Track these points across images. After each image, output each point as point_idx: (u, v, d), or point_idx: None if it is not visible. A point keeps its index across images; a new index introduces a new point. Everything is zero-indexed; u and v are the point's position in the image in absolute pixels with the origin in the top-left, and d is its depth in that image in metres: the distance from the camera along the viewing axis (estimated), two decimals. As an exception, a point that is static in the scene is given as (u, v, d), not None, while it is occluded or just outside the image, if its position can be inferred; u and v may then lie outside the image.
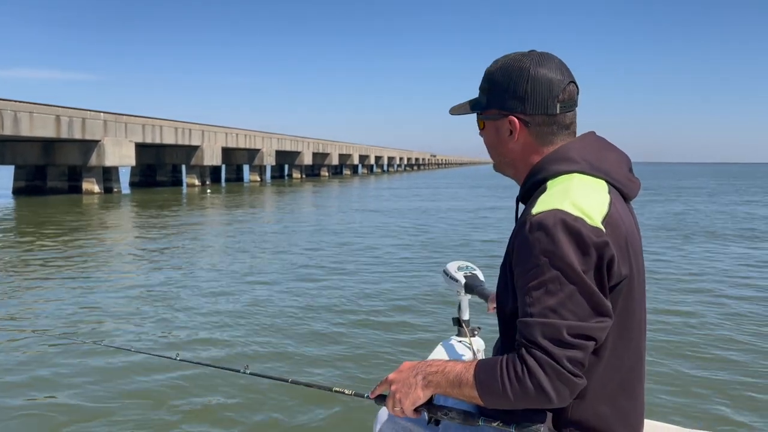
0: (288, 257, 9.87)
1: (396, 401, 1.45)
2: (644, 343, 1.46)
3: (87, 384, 4.21)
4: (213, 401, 3.93)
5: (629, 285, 1.36)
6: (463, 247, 11.13)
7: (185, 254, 10.25)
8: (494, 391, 1.31)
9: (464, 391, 1.36)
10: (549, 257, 1.27)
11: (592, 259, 1.27)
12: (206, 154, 35.95)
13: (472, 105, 1.55)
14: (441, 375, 1.40)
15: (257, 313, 6.20)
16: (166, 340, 5.32)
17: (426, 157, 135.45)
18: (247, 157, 44.94)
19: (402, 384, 1.44)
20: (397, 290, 7.35)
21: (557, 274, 1.26)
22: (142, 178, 37.58)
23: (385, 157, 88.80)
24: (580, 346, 1.26)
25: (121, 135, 28.69)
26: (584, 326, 1.26)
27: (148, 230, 14.08)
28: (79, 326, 5.70)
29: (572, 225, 1.27)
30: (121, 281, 8.01)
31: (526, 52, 1.47)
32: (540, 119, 1.44)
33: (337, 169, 67.12)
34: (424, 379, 1.42)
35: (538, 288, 1.28)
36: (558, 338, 1.25)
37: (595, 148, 1.45)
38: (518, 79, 1.42)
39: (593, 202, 1.32)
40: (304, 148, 52.40)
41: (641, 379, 1.46)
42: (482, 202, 23.71)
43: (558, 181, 1.39)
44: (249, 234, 13.23)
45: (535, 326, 1.27)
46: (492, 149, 1.55)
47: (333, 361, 4.74)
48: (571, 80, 1.45)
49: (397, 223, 15.27)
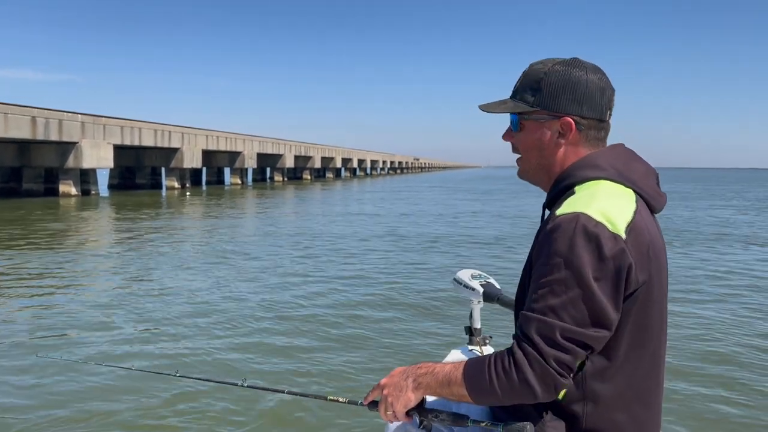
0: (269, 264, 9.81)
1: (388, 405, 1.48)
2: (663, 353, 1.45)
3: (81, 401, 4.10)
4: (211, 414, 3.92)
5: (647, 293, 1.35)
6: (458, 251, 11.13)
7: (161, 260, 10.13)
8: (482, 387, 1.34)
9: (453, 390, 1.39)
10: (563, 258, 1.29)
11: (607, 265, 1.28)
12: (186, 156, 35.69)
13: (514, 104, 1.52)
14: (431, 376, 1.43)
15: (245, 323, 6.09)
16: (158, 353, 5.18)
17: (409, 161, 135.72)
18: (228, 159, 44.67)
19: (393, 388, 1.47)
20: (404, 296, 7.34)
21: (566, 275, 1.28)
22: (120, 181, 37.23)
23: (368, 161, 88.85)
24: (570, 350, 1.27)
25: (99, 137, 28.38)
26: (579, 332, 1.27)
27: (123, 234, 13.92)
28: (54, 338, 5.57)
29: (592, 230, 1.28)
30: (94, 289, 7.90)
31: (574, 59, 1.49)
32: (593, 123, 1.47)
33: (319, 173, 67.00)
34: (414, 381, 1.44)
35: (545, 286, 1.30)
36: (550, 337, 1.27)
37: (623, 158, 1.47)
38: (576, 82, 1.44)
39: (618, 209, 1.33)
40: (286, 151, 52.22)
41: (658, 389, 1.45)
42: (468, 206, 23.77)
43: (585, 186, 1.41)
44: (229, 240, 13.10)
45: (532, 321, 1.30)
46: (530, 151, 1.53)
47: (337, 371, 4.71)
48: (614, 90, 1.50)
49: (390, 228, 15.24)
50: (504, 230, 15.04)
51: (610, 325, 1.30)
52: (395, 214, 19.50)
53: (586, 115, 1.45)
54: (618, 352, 1.35)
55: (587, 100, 1.44)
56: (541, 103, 1.47)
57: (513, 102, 1.52)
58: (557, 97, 1.45)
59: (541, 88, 1.46)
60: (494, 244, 12.28)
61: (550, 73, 1.46)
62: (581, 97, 1.44)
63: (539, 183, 1.56)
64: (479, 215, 19.62)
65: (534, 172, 1.55)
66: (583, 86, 1.44)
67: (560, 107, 1.45)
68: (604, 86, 1.46)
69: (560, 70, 1.46)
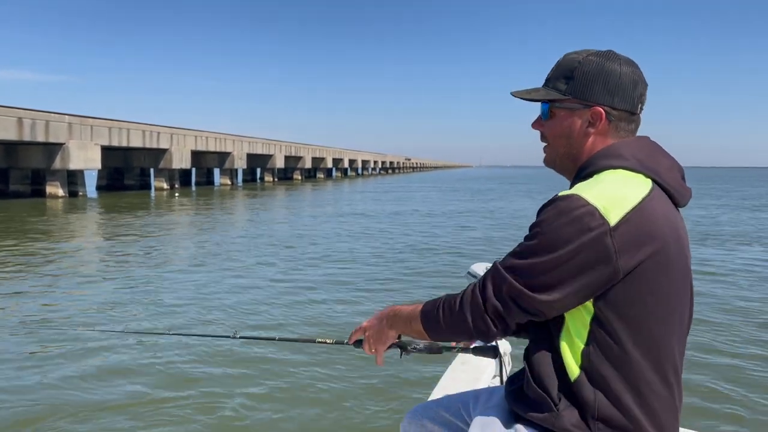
0: (261, 264, 9.80)
1: (371, 344, 1.70)
2: (678, 344, 1.43)
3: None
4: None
5: (649, 282, 1.34)
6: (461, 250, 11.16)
7: (144, 260, 10.11)
8: (433, 321, 1.49)
9: (414, 327, 1.55)
10: (542, 229, 1.35)
11: (582, 247, 1.30)
12: (175, 157, 35.56)
13: (545, 92, 1.52)
14: (397, 317, 1.61)
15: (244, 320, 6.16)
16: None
17: (401, 161, 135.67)
18: (218, 160, 44.54)
19: (374, 330, 1.68)
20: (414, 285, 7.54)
21: (537, 244, 1.34)
22: (109, 182, 37.05)
23: (359, 161, 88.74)
24: (508, 306, 1.37)
25: (86, 138, 28.23)
26: (524, 293, 1.34)
27: (109, 235, 13.87)
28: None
29: (578, 211, 1.31)
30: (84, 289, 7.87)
31: (609, 51, 1.50)
32: (623, 115, 1.47)
33: (310, 173, 66.88)
34: (388, 322, 1.64)
35: (518, 247, 1.39)
36: (498, 288, 1.38)
37: (648, 149, 1.47)
38: (610, 73, 1.45)
39: (620, 196, 1.33)
40: (277, 152, 52.12)
41: (672, 381, 1.42)
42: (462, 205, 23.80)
43: (602, 174, 1.42)
44: (218, 242, 13.10)
45: (492, 270, 1.41)
46: (559, 139, 1.53)
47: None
48: (647, 85, 1.51)
49: (397, 228, 15.25)
50: (509, 228, 15.08)
51: (558, 300, 1.33)
52: (393, 213, 19.51)
53: (617, 106, 1.46)
54: (618, 338, 1.35)
55: (619, 91, 1.45)
56: (573, 92, 1.48)
57: (545, 90, 1.53)
58: (589, 87, 1.45)
59: (574, 77, 1.47)
60: (489, 243, 12.31)
61: (585, 63, 1.47)
62: (613, 88, 1.44)
63: (564, 171, 1.57)
64: (481, 214, 19.67)
65: (560, 160, 1.55)
66: (615, 77, 1.44)
67: (592, 96, 1.46)
68: (637, 79, 1.47)
69: (594, 60, 1.46)
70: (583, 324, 1.37)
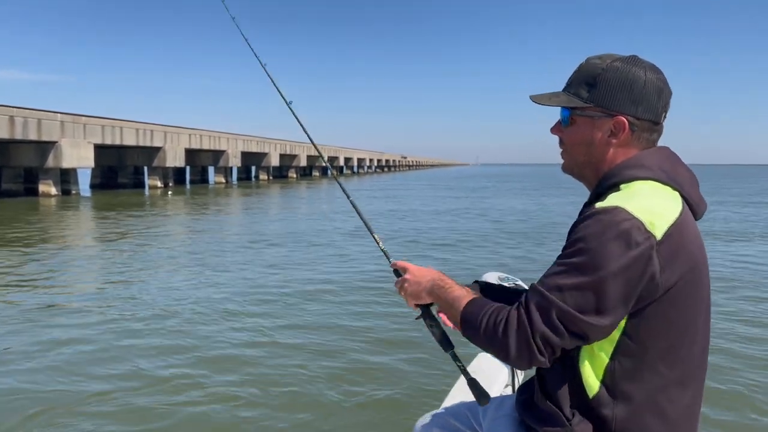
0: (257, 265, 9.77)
1: (404, 287, 1.64)
2: (700, 357, 1.40)
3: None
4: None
5: (681, 297, 1.32)
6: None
7: (131, 258, 10.08)
8: (472, 323, 1.40)
9: (452, 313, 1.48)
10: (587, 245, 1.28)
11: (630, 264, 1.25)
12: (168, 155, 35.48)
13: (567, 98, 1.47)
14: (444, 291, 1.53)
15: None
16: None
17: (397, 159, 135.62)
18: (212, 158, 44.45)
19: (414, 281, 1.61)
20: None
21: (585, 261, 1.27)
22: (103, 180, 36.96)
23: (355, 159, 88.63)
24: (561, 333, 1.27)
25: (79, 136, 28.15)
26: (576, 317, 1.27)
27: (100, 233, 13.83)
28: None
29: (624, 225, 1.26)
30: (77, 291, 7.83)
31: (632, 56, 1.44)
32: (646, 125, 1.43)
33: (305, 171, 66.80)
34: (431, 288, 1.56)
35: (562, 265, 1.31)
36: (546, 314, 1.28)
37: (670, 161, 1.44)
38: (634, 81, 1.40)
39: (660, 209, 1.31)
40: (271, 150, 52.04)
41: (693, 395, 1.39)
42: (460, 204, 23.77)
43: (632, 185, 1.38)
44: (209, 242, 13.06)
45: (537, 294, 1.31)
46: (578, 147, 1.49)
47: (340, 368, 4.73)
48: (671, 92, 1.46)
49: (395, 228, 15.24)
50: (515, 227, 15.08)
51: (610, 321, 1.28)
52: (400, 212, 19.50)
53: (641, 116, 1.41)
54: (647, 354, 1.32)
55: (644, 101, 1.40)
56: (595, 100, 1.43)
57: (566, 96, 1.48)
58: (613, 95, 1.40)
59: (597, 84, 1.42)
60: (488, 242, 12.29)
61: (608, 69, 1.42)
62: (638, 97, 1.40)
63: (583, 179, 1.53)
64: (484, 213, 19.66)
65: (579, 168, 1.52)
66: (640, 86, 1.39)
67: (615, 105, 1.41)
68: (663, 87, 1.42)
69: (619, 67, 1.41)
70: (609, 340, 1.33)
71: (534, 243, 11.97)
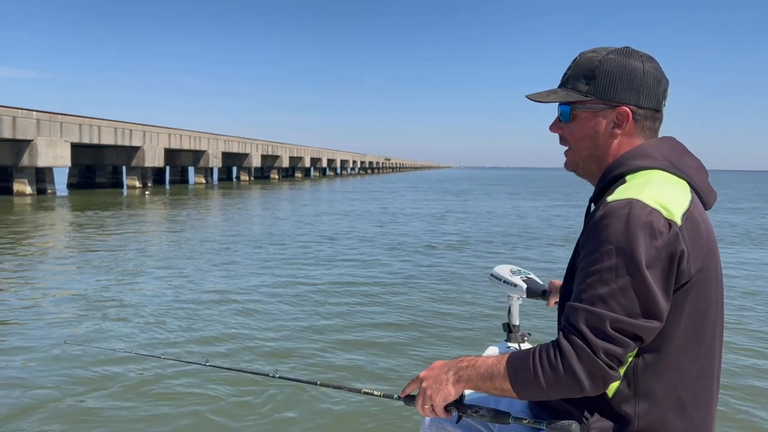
0: (240, 265, 9.63)
1: (426, 398, 1.42)
2: (719, 350, 1.39)
3: (112, 390, 4.15)
4: (241, 405, 3.92)
5: (702, 285, 1.30)
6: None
7: (115, 263, 9.89)
8: (527, 380, 1.27)
9: (496, 384, 1.33)
10: (614, 245, 1.23)
11: (660, 253, 1.22)
12: (147, 155, 35.09)
13: (565, 93, 1.46)
14: (472, 369, 1.37)
15: (278, 314, 6.16)
16: (185, 340, 5.20)
17: (380, 161, 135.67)
18: (192, 158, 44.07)
19: (433, 381, 1.42)
20: (433, 295, 7.35)
21: (617, 262, 1.22)
22: (80, 180, 36.49)
23: (338, 160, 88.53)
24: (621, 341, 1.22)
25: (55, 135, 27.72)
26: (630, 322, 1.21)
27: (72, 235, 13.58)
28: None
29: (645, 216, 1.23)
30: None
31: (626, 47, 1.44)
32: (649, 113, 1.42)
33: (287, 172, 66.53)
34: (455, 375, 1.39)
35: (594, 274, 1.24)
36: (600, 328, 1.21)
37: (676, 150, 1.43)
38: (633, 70, 1.39)
39: (673, 197, 1.29)
40: (253, 150, 51.74)
41: (713, 390, 1.38)
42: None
43: (638, 175, 1.36)
44: (183, 245, 12.89)
45: (580, 312, 1.24)
46: (583, 141, 1.46)
47: (370, 368, 4.69)
48: (668, 81, 1.46)
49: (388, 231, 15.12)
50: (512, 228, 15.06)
51: (660, 316, 1.24)
52: (385, 214, 19.40)
53: (642, 104, 1.41)
54: (671, 346, 1.29)
55: (644, 89, 1.40)
56: (596, 92, 1.42)
57: (564, 91, 1.46)
58: (613, 86, 1.40)
59: (596, 77, 1.41)
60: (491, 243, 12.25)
61: (605, 61, 1.41)
62: (638, 86, 1.39)
63: (588, 175, 1.50)
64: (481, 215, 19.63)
65: (584, 162, 1.49)
66: (639, 75, 1.39)
67: (616, 96, 1.40)
68: (660, 76, 1.42)
69: (615, 59, 1.41)
70: None
71: (523, 245, 11.96)
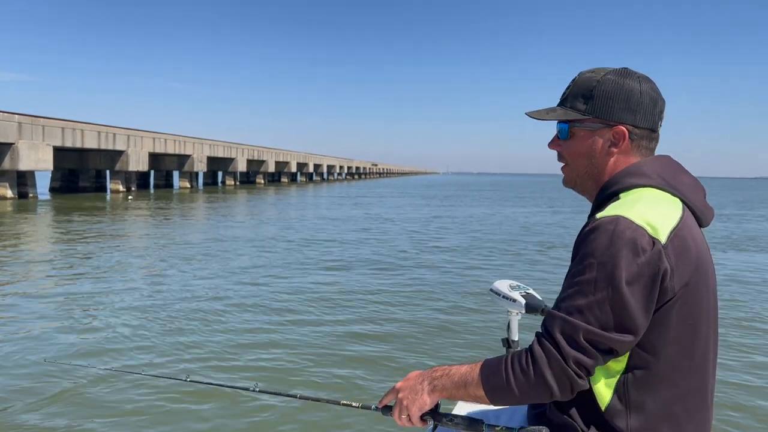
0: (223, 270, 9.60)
1: (403, 408, 1.46)
2: (712, 366, 1.41)
3: (95, 409, 4.06)
4: (222, 420, 3.88)
5: (691, 301, 1.32)
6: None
7: (93, 269, 9.82)
8: (499, 386, 1.32)
9: (470, 391, 1.37)
10: (596, 259, 1.27)
11: (641, 270, 1.25)
12: (131, 159, 34.85)
13: (564, 111, 1.49)
14: (447, 378, 1.41)
15: (260, 327, 6.03)
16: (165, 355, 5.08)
17: (367, 166, 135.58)
18: (177, 163, 43.80)
19: (409, 391, 1.46)
20: (429, 305, 7.26)
21: (597, 276, 1.26)
22: (63, 183, 36.12)
23: (324, 166, 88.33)
24: (591, 353, 1.26)
25: (37, 138, 27.44)
26: (603, 335, 1.25)
27: (50, 239, 13.48)
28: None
29: (630, 233, 1.26)
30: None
31: (624, 68, 1.48)
32: (645, 133, 1.46)
33: (273, 177, 66.31)
34: (430, 384, 1.43)
35: (575, 285, 1.29)
36: (573, 338, 1.26)
37: (671, 168, 1.46)
38: (630, 91, 1.43)
39: (661, 215, 1.31)
40: (238, 155, 51.54)
41: (706, 404, 1.39)
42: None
43: (631, 193, 1.39)
44: (162, 249, 12.82)
45: (557, 320, 1.29)
46: (579, 159, 1.50)
47: (360, 384, 4.65)
48: (665, 101, 1.49)
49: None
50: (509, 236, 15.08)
51: (635, 330, 1.27)
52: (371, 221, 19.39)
53: (639, 124, 1.44)
54: (661, 362, 1.32)
55: (641, 110, 1.43)
56: (593, 111, 1.45)
57: (563, 109, 1.50)
58: (610, 106, 1.43)
59: (594, 96, 1.45)
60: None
61: (603, 82, 1.45)
62: (635, 106, 1.43)
63: (585, 191, 1.54)
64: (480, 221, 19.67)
65: (581, 180, 1.53)
66: (636, 95, 1.43)
67: (613, 116, 1.44)
68: (657, 96, 1.46)
69: (613, 79, 1.44)
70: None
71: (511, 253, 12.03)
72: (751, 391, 4.49)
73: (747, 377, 4.74)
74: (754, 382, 4.65)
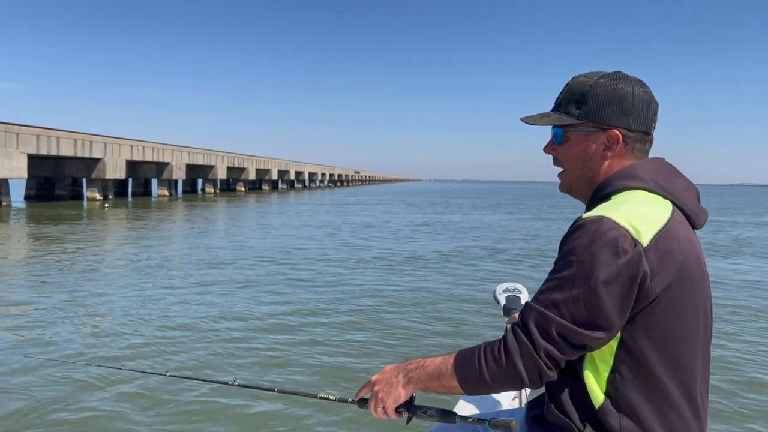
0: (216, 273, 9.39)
1: (378, 401, 1.50)
2: (701, 367, 1.40)
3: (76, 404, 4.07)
4: (201, 414, 3.93)
5: (675, 303, 1.32)
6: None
7: (69, 277, 9.56)
8: (472, 375, 1.36)
9: (444, 382, 1.40)
10: (576, 256, 1.29)
11: (620, 270, 1.27)
12: (108, 167, 34.40)
13: (558, 116, 1.51)
14: (421, 370, 1.45)
15: (243, 325, 6.04)
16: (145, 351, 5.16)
17: (350, 174, 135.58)
18: (156, 170, 43.34)
19: (384, 384, 1.50)
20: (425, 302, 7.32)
21: (575, 273, 1.28)
22: (39, 192, 35.55)
23: (306, 173, 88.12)
24: (562, 347, 1.29)
25: (11, 146, 26.94)
26: (575, 330, 1.28)
27: (25, 248, 13.15)
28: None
29: (611, 233, 1.28)
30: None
31: (617, 72, 1.49)
32: (638, 136, 1.47)
33: (254, 185, 65.95)
34: (405, 377, 1.47)
35: (554, 280, 1.32)
36: (547, 330, 1.30)
37: (664, 171, 1.47)
38: (623, 95, 1.44)
39: (646, 217, 1.32)
40: (218, 162, 51.15)
41: (699, 403, 1.40)
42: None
43: (621, 195, 1.41)
44: (140, 258, 12.58)
45: (532, 312, 1.32)
46: (574, 163, 1.53)
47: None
48: (658, 104, 1.50)
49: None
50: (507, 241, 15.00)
51: (608, 328, 1.29)
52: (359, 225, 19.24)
53: (632, 127, 1.45)
54: (647, 362, 1.33)
55: (634, 113, 1.44)
56: (587, 116, 1.47)
57: (557, 114, 1.52)
58: (604, 110, 1.45)
59: (587, 101, 1.47)
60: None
61: (596, 86, 1.46)
62: (628, 110, 1.44)
63: (581, 195, 1.56)
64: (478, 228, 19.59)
65: (577, 184, 1.54)
66: (629, 99, 1.44)
67: (607, 119, 1.45)
68: (650, 99, 1.47)
69: (606, 83, 1.46)
70: (609, 350, 1.35)
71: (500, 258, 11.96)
72: (752, 391, 4.51)
73: (748, 377, 4.72)
74: (755, 381, 4.69)
